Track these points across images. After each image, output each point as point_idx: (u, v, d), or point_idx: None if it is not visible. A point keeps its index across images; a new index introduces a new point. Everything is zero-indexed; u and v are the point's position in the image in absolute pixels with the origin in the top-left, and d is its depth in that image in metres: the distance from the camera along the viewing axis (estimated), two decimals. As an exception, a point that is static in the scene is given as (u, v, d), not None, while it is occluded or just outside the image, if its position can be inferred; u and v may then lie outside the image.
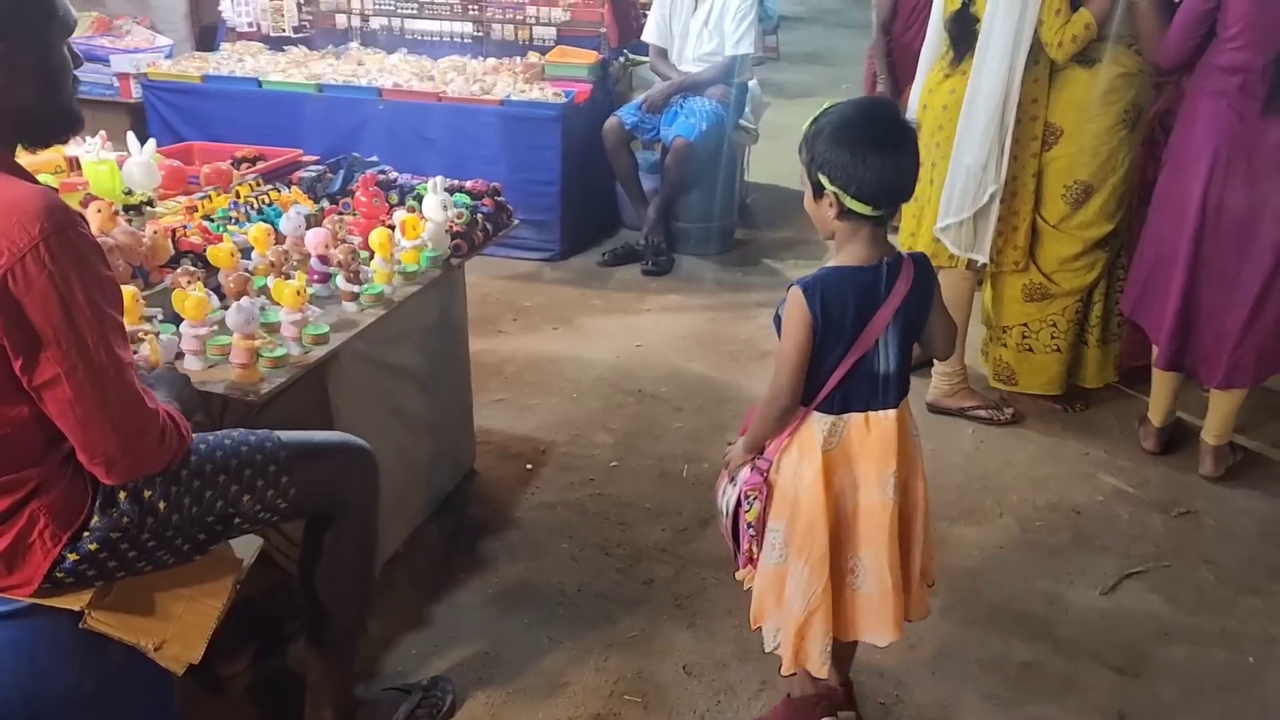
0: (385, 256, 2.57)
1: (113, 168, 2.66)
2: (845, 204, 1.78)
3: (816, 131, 1.81)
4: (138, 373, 1.56)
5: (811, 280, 1.83)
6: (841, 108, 1.82)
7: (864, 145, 1.75)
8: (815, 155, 1.80)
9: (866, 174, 1.75)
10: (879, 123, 1.79)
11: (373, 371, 2.56)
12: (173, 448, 1.61)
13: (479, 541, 2.84)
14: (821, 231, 1.90)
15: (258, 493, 1.77)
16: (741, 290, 4.78)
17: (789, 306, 1.85)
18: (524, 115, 4.77)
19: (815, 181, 1.81)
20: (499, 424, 3.46)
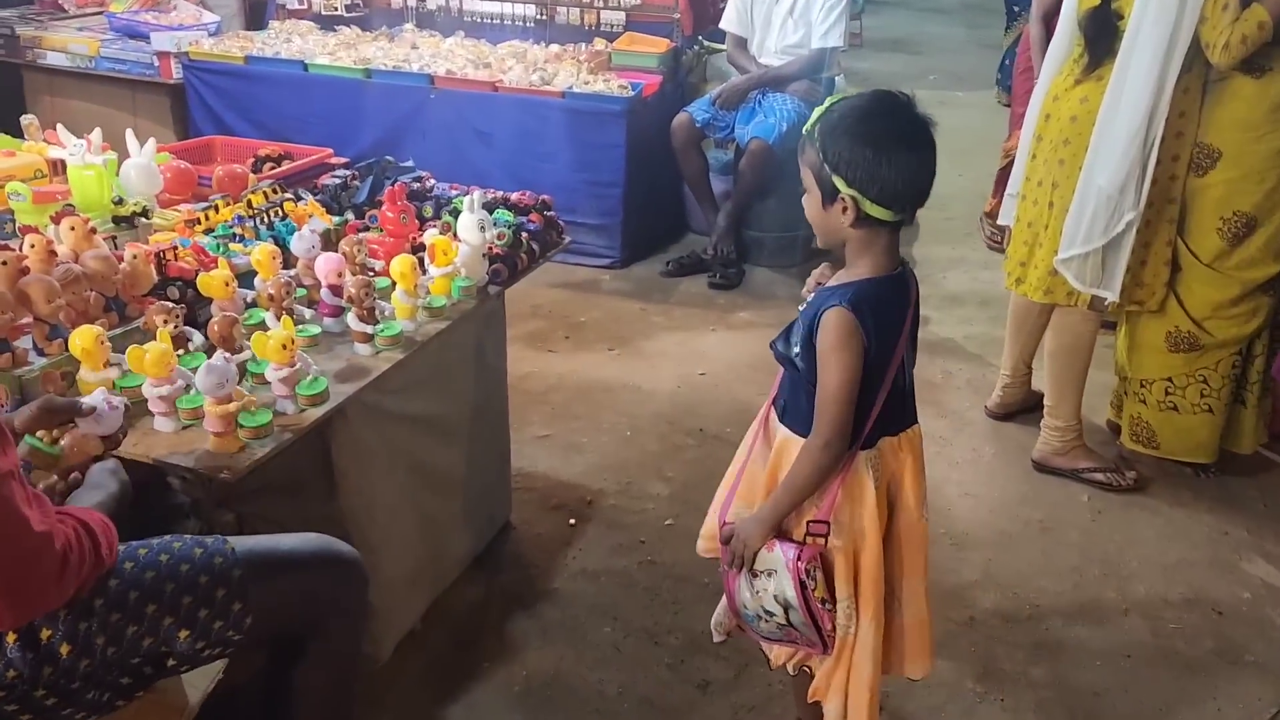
0: (408, 289, 2.17)
1: (101, 173, 2.29)
2: (864, 209, 1.59)
3: (829, 128, 1.60)
4: (20, 481, 1.17)
5: (856, 297, 1.63)
6: (854, 101, 1.63)
7: (889, 141, 1.57)
8: (829, 154, 1.59)
9: (891, 174, 1.57)
10: (902, 116, 1.61)
11: (388, 425, 2.17)
12: (79, 576, 1.23)
13: (508, 618, 2.45)
14: (826, 240, 1.71)
15: (200, 626, 1.39)
16: (819, 309, 4.30)
17: (836, 333, 1.62)
18: (586, 109, 4.35)
19: (827, 184, 1.61)
20: (541, 465, 3.06)
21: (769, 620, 1.76)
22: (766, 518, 1.72)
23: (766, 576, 1.73)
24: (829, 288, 1.70)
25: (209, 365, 1.67)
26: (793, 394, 1.76)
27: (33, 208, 2.14)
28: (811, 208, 1.67)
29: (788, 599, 1.70)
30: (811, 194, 1.66)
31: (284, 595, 1.48)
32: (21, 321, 1.84)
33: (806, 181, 1.66)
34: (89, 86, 5.09)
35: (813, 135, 1.62)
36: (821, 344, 1.63)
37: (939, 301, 4.39)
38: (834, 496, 1.70)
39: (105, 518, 1.33)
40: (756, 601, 1.76)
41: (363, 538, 2.13)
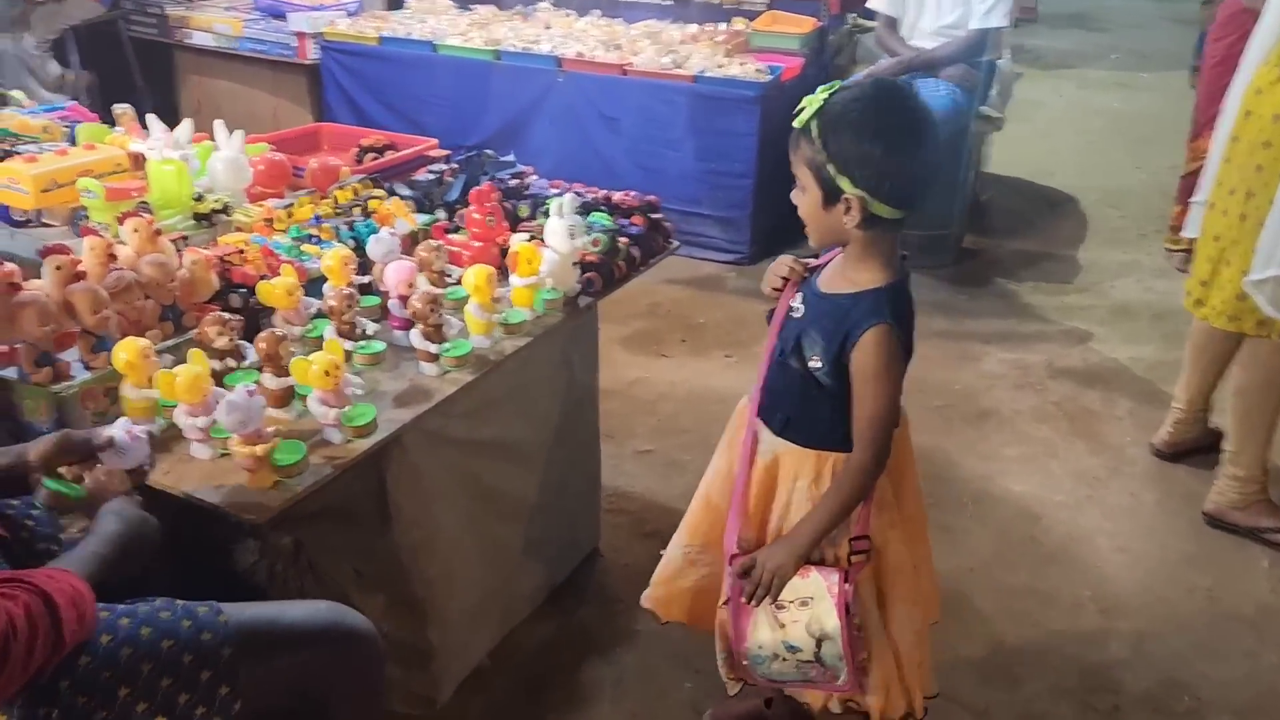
0: (483, 302, 1.98)
1: (180, 168, 2.19)
2: (871, 209, 1.48)
3: (831, 122, 1.48)
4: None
5: (892, 312, 1.54)
6: (854, 93, 1.50)
7: (898, 137, 1.47)
8: (832, 151, 1.47)
9: (901, 172, 1.47)
10: (908, 109, 1.50)
11: (453, 452, 1.99)
12: (30, 662, 1.08)
13: (582, 662, 2.24)
14: (822, 241, 1.61)
15: (179, 713, 1.23)
16: (964, 318, 3.92)
17: (884, 354, 1.53)
18: (718, 95, 4.07)
19: (829, 184, 1.49)
20: (639, 485, 2.84)
21: (788, 658, 1.67)
22: (801, 544, 1.63)
23: (798, 607, 1.64)
24: (847, 297, 1.57)
25: (229, 402, 1.52)
26: (804, 408, 1.65)
27: (105, 205, 2.06)
28: (807, 207, 1.56)
29: (825, 630, 1.63)
30: (808, 193, 1.54)
31: (282, 677, 1.32)
32: (72, 330, 1.74)
33: (802, 179, 1.55)
34: (233, 66, 5.15)
35: (809, 131, 1.50)
36: (865, 366, 1.54)
37: (1104, 314, 3.93)
38: (869, 510, 1.65)
39: (80, 583, 1.19)
40: (779, 637, 1.66)
41: (420, 574, 1.97)
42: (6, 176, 2.10)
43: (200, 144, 2.46)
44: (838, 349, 1.57)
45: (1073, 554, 2.61)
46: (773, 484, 1.69)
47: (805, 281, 1.69)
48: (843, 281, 1.61)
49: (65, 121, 2.67)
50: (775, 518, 1.71)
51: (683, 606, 1.90)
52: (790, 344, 1.63)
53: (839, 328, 1.57)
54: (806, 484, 1.67)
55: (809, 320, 1.62)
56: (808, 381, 1.62)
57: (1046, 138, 6.16)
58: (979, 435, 3.14)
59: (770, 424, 1.69)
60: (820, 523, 1.63)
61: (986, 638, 2.35)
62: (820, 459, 1.66)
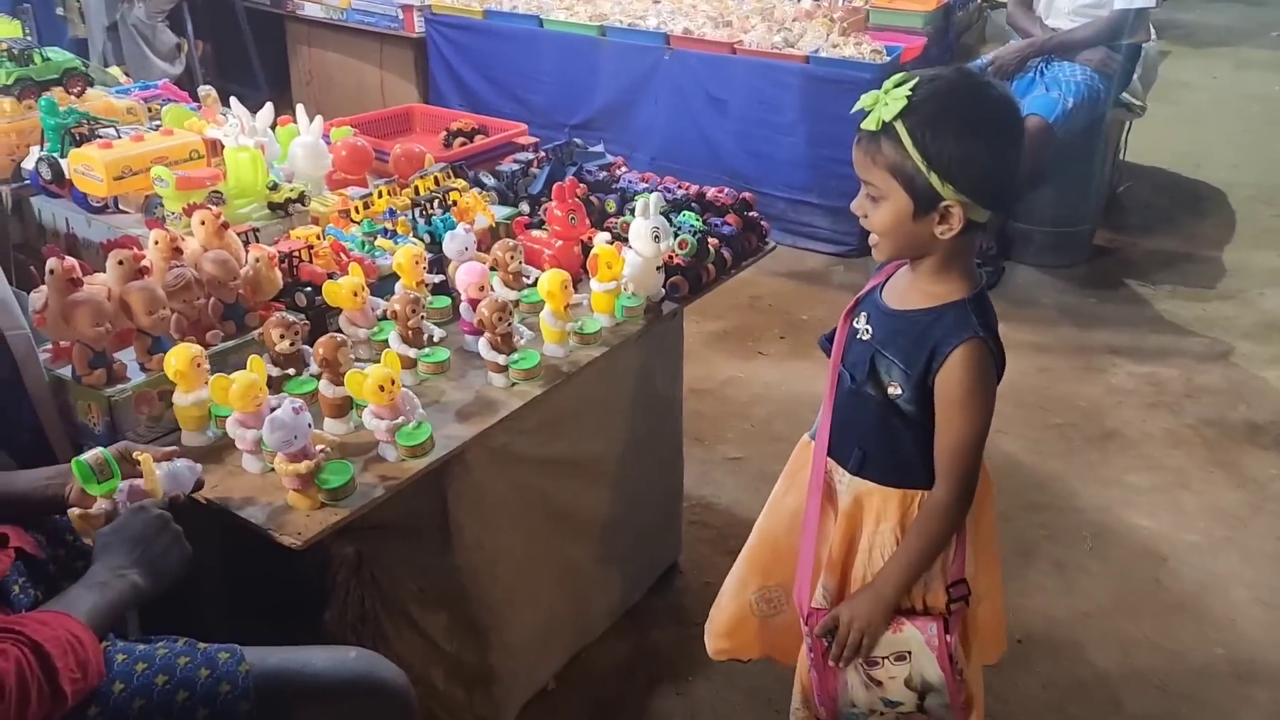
0: (557, 310, 1.85)
1: (255, 156, 2.11)
2: (971, 215, 1.34)
3: (926, 120, 1.30)
4: None
5: (985, 326, 1.40)
6: (943, 86, 1.32)
7: (1001, 133, 1.34)
8: (931, 153, 1.30)
9: (1004, 172, 1.35)
10: (1003, 101, 1.36)
11: (520, 470, 1.87)
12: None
13: (654, 690, 2.11)
14: (899, 254, 1.43)
15: None
16: (1092, 325, 3.61)
17: (978, 372, 1.38)
18: (831, 76, 3.84)
19: (924, 190, 1.32)
20: (725, 496, 2.68)
21: (887, 712, 1.54)
22: (888, 596, 1.47)
23: (894, 662, 1.49)
24: (925, 312, 1.41)
25: (273, 419, 1.42)
26: (883, 442, 1.48)
27: (176, 194, 1.99)
28: (888, 219, 1.37)
29: (928, 682, 1.49)
30: (891, 202, 1.36)
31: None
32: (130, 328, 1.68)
33: (882, 187, 1.36)
34: (341, 38, 5.13)
35: (892, 132, 1.31)
36: (956, 386, 1.38)
37: (1250, 326, 3.57)
38: (964, 551, 1.49)
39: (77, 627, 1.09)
40: (874, 695, 1.52)
41: (482, 598, 1.87)
42: (82, 163, 2.05)
43: (284, 127, 2.39)
44: (922, 371, 1.40)
45: (1204, 604, 2.35)
46: (854, 529, 1.52)
47: (865, 299, 1.52)
48: (918, 295, 1.44)
49: (157, 100, 2.63)
50: (859, 565, 1.54)
51: (763, 643, 1.75)
52: (862, 370, 1.46)
53: (920, 347, 1.40)
54: (891, 527, 1.50)
55: (881, 342, 1.45)
56: (886, 411, 1.44)
57: (1194, 124, 5.69)
58: (1102, 459, 2.87)
59: (845, 462, 1.51)
60: (907, 571, 1.47)
61: (1103, 696, 2.12)
62: (906, 498, 1.49)
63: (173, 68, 4.80)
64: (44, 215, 2.23)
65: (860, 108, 1.37)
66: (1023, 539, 2.56)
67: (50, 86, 2.42)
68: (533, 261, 2.07)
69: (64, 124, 2.19)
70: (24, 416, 1.63)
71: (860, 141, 1.38)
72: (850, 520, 1.52)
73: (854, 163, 1.40)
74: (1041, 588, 2.40)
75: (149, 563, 1.24)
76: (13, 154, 2.31)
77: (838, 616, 1.49)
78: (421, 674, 1.95)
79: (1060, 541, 2.55)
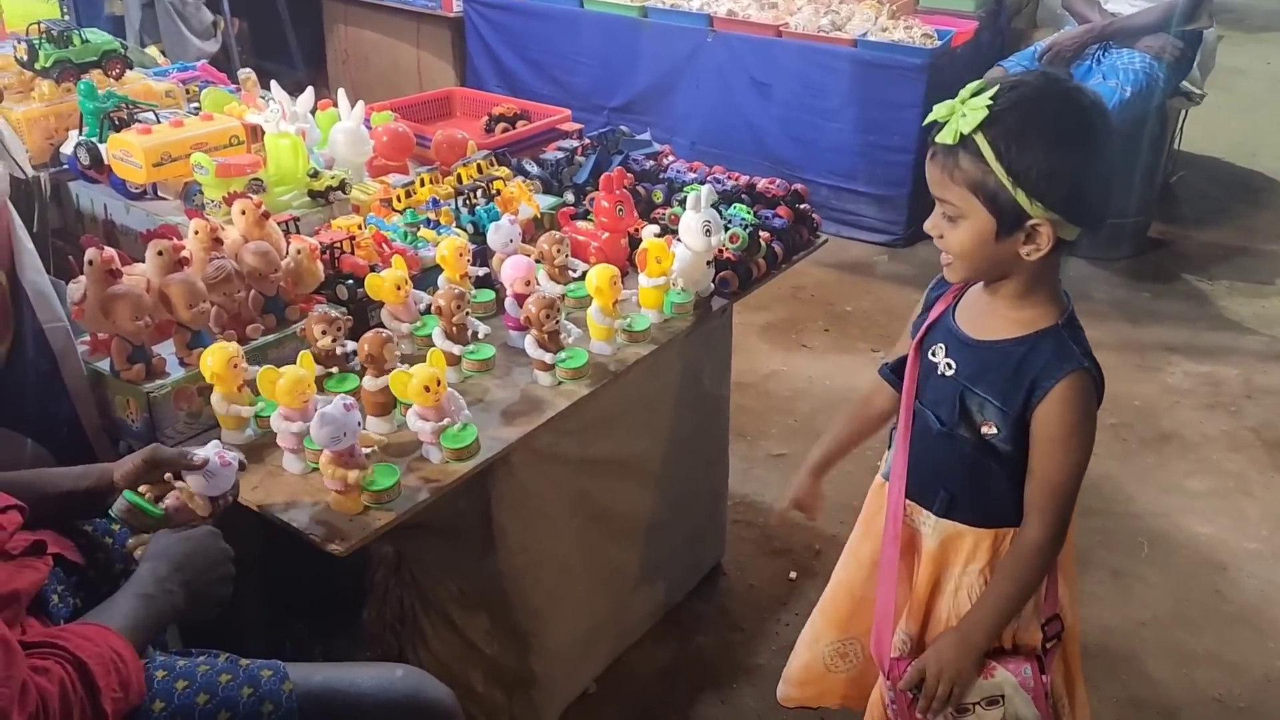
0: (605, 306, 1.79)
1: (296, 143, 2.06)
2: (1060, 234, 1.23)
3: (1013, 132, 1.19)
4: None
5: (1087, 355, 1.30)
6: (1026, 93, 1.21)
7: (1093, 145, 1.22)
8: (1018, 168, 1.19)
9: (1096, 186, 1.24)
10: (1093, 108, 1.24)
11: (565, 471, 1.82)
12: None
13: (697, 698, 2.06)
14: (979, 276, 1.33)
15: None
16: (1146, 321, 3.51)
17: (1085, 406, 1.28)
18: (880, 61, 3.74)
19: (1009, 208, 1.22)
20: (770, 493, 2.62)
21: None
22: (979, 643, 1.39)
23: (985, 707, 1.41)
24: (1016, 342, 1.31)
25: (323, 414, 1.37)
26: (974, 483, 1.38)
27: (215, 181, 1.94)
28: (968, 239, 1.26)
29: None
30: (971, 221, 1.25)
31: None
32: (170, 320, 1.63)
33: (962, 206, 1.25)
34: (378, 17, 5.08)
35: (972, 146, 1.21)
36: (1058, 422, 1.28)
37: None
38: (1056, 584, 1.42)
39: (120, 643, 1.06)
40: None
41: (524, 603, 1.82)
42: (121, 148, 2.01)
43: (324, 111, 2.33)
44: (1020, 407, 1.30)
45: (1267, 616, 2.26)
46: (939, 572, 1.44)
47: (938, 327, 1.41)
48: (1003, 323, 1.33)
49: (196, 82, 2.58)
50: (944, 608, 1.45)
51: (837, 695, 1.67)
52: (950, 410, 1.35)
53: (1016, 382, 1.30)
54: (980, 568, 1.41)
55: (970, 378, 1.34)
56: (980, 452, 1.35)
57: (1249, 112, 5.52)
58: (1158, 462, 2.78)
59: (929, 505, 1.42)
60: (998, 616, 1.39)
61: (1159, 710, 2.05)
62: (997, 538, 1.40)
63: (208, 45, 4.77)
64: (82, 201, 2.19)
65: (934, 119, 1.26)
66: (1077, 545, 2.44)
67: (89, 69, 2.38)
68: (578, 254, 2.01)
69: (103, 108, 2.15)
70: (62, 410, 1.60)
71: (935, 156, 1.26)
72: (936, 564, 1.44)
73: (929, 180, 1.28)
74: (1096, 596, 2.32)
75: (197, 589, 1.21)
76: (51, 138, 2.28)
77: (924, 668, 1.40)
78: (460, 676, 1.91)
79: (1115, 548, 2.47)
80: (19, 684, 0.90)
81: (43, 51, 2.35)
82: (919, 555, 1.45)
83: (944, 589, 1.44)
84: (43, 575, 1.15)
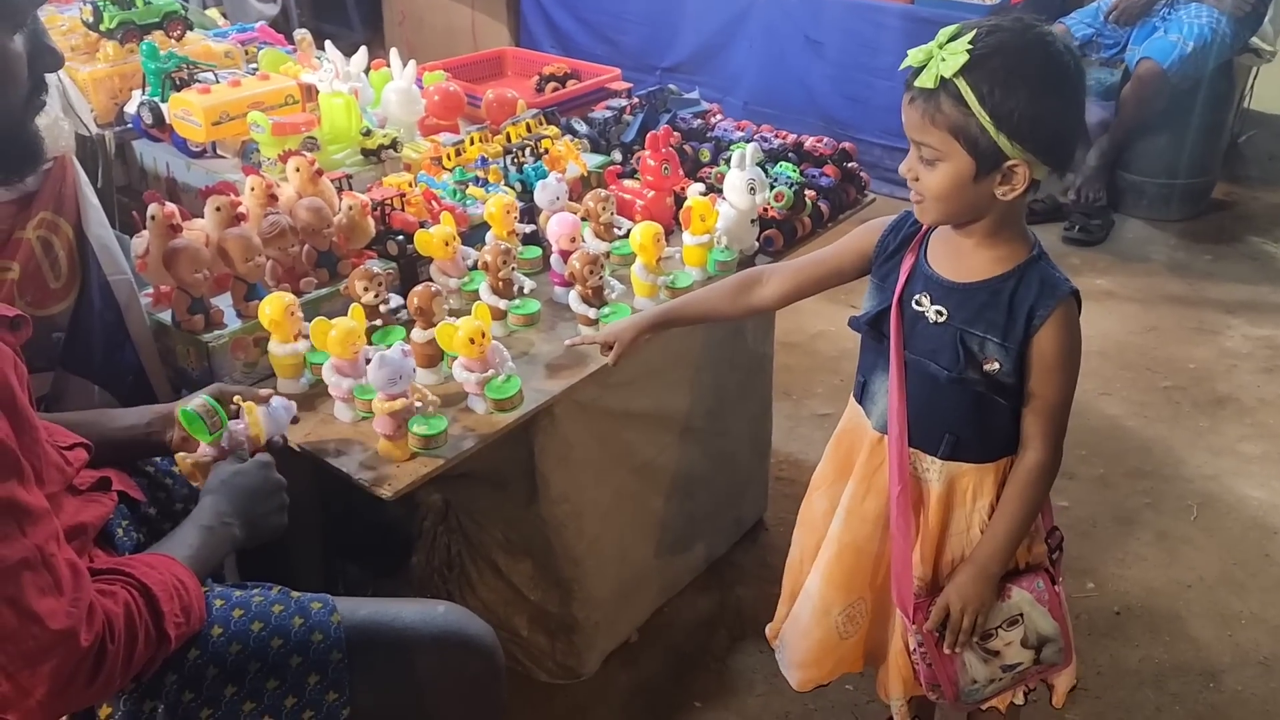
0: (648, 263, 1.83)
1: (350, 102, 2.10)
2: (1034, 174, 1.27)
3: (996, 75, 1.21)
4: (39, 568, 0.95)
5: (1068, 279, 1.37)
6: (1006, 39, 1.23)
7: (1070, 87, 1.27)
8: (999, 110, 1.22)
9: (1072, 129, 1.31)
10: (1067, 51, 1.28)
11: (608, 424, 1.86)
12: (130, 665, 1.02)
13: (736, 647, 2.10)
14: (952, 218, 1.35)
15: (285, 716, 1.16)
16: (1205, 281, 3.44)
17: (1074, 329, 1.36)
18: (936, 17, 3.66)
19: (988, 149, 1.25)
20: (814, 453, 2.60)
21: (1003, 677, 1.49)
22: (995, 569, 1.43)
23: (1007, 628, 1.46)
24: (1001, 279, 1.35)
25: (382, 357, 1.43)
26: (979, 421, 1.41)
27: (271, 139, 2.00)
28: (945, 181, 1.28)
29: (1044, 634, 1.46)
30: (949, 163, 1.27)
31: (392, 685, 1.22)
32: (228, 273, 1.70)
33: (940, 148, 1.27)
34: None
35: (951, 88, 1.22)
36: (1053, 349, 1.34)
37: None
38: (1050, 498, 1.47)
39: (183, 572, 1.12)
40: (993, 665, 1.47)
41: (566, 550, 1.87)
42: (181, 108, 2.07)
43: (378, 71, 2.38)
44: (1020, 338, 1.33)
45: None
46: (947, 512, 1.46)
47: (914, 277, 1.41)
48: (983, 263, 1.37)
49: (254, 43, 2.64)
50: (956, 545, 1.48)
51: (852, 660, 1.67)
52: (954, 355, 1.36)
53: (1013, 314, 1.34)
54: (988, 501, 1.45)
55: (964, 320, 1.36)
56: (989, 389, 1.37)
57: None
58: (1211, 425, 2.74)
59: (932, 451, 1.44)
60: (1009, 540, 1.43)
61: (1201, 670, 2.04)
62: (998, 469, 1.43)
63: (268, 8, 4.83)
64: (145, 159, 2.27)
65: (910, 64, 1.27)
66: (1124, 506, 2.46)
67: (151, 30, 2.45)
68: (624, 212, 2.03)
69: (164, 68, 2.21)
70: (127, 359, 1.67)
71: (914, 100, 1.27)
72: (943, 505, 1.46)
73: (905, 123, 1.29)
74: (1142, 558, 2.31)
75: (253, 521, 1.27)
76: (115, 98, 2.35)
77: (947, 605, 1.43)
78: (505, 621, 1.98)
79: (1163, 510, 2.45)
80: (86, 605, 0.97)
81: (107, 13, 2.42)
82: (925, 500, 1.47)
83: (953, 528, 1.46)
84: (108, 510, 1.22)
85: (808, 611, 1.61)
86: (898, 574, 1.45)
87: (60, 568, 0.96)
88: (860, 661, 1.67)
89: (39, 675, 0.93)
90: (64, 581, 0.96)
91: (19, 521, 0.94)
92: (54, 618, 0.94)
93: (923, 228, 1.42)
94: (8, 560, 0.92)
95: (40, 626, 0.93)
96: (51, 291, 1.62)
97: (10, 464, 0.95)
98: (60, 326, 1.64)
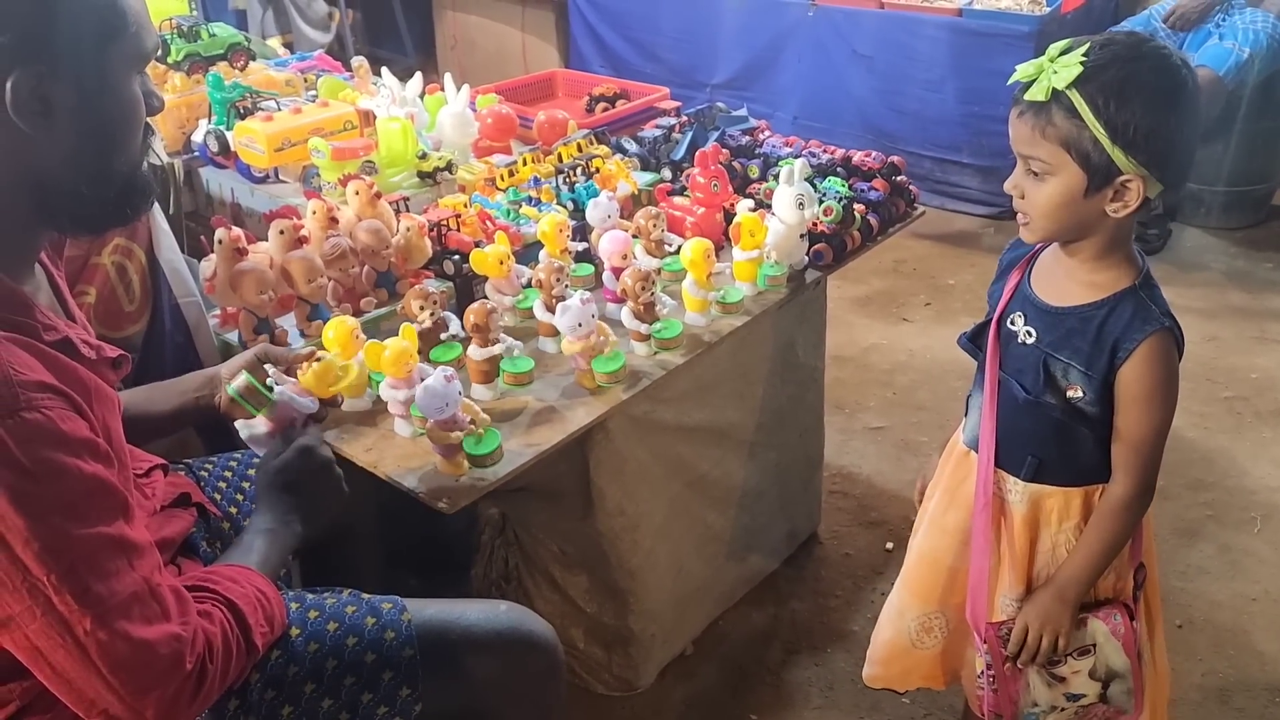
0: (699, 279, 1.84)
1: (406, 126, 2.16)
2: (1148, 192, 1.24)
3: (1111, 88, 1.19)
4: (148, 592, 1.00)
5: (1167, 314, 1.31)
6: (1121, 51, 1.21)
7: (1187, 102, 1.23)
8: (1116, 124, 1.20)
9: (1188, 143, 1.25)
10: (1184, 66, 1.25)
11: (662, 438, 1.88)
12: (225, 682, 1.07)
13: (791, 660, 2.11)
14: (1059, 236, 1.33)
15: (362, 712, 1.21)
16: (1266, 292, 3.38)
17: (1169, 363, 1.30)
18: (986, 30, 3.67)
19: (1102, 164, 1.22)
20: (867, 466, 2.63)
21: (1068, 707, 1.48)
22: (1073, 596, 1.41)
23: (1077, 657, 1.44)
24: (1095, 305, 1.32)
25: (426, 387, 1.46)
26: (1062, 446, 1.40)
27: (331, 164, 2.06)
28: (1054, 196, 1.26)
29: (1113, 670, 1.44)
30: (1059, 178, 1.25)
31: (459, 681, 1.27)
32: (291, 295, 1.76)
33: (1051, 161, 1.25)
34: (484, 3, 5.21)
35: (1064, 101, 1.21)
36: (1143, 381, 1.30)
37: None
38: (1140, 532, 1.44)
39: (264, 583, 1.17)
40: (1057, 692, 1.46)
41: (622, 563, 1.89)
42: (246, 135, 2.14)
43: (432, 96, 2.44)
44: (1104, 370, 1.31)
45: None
46: (1033, 534, 1.46)
47: (1016, 297, 1.41)
48: (1080, 288, 1.35)
49: (313, 71, 2.72)
50: (1041, 566, 1.47)
51: (922, 674, 1.68)
52: (1036, 378, 1.36)
53: (1099, 345, 1.31)
54: (1075, 525, 1.44)
55: (1051, 345, 1.35)
56: (1068, 416, 1.36)
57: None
58: (1275, 436, 2.69)
59: (1015, 471, 1.44)
60: (1091, 570, 1.41)
61: (1267, 685, 2.00)
62: (1087, 494, 1.42)
63: (321, 36, 4.97)
64: (211, 185, 2.35)
65: (1019, 78, 1.27)
66: (1185, 518, 2.43)
67: (216, 61, 2.54)
68: (675, 229, 2.06)
69: (229, 98, 2.29)
70: (196, 380, 1.74)
71: (1023, 114, 1.26)
72: (1029, 527, 1.45)
73: (1013, 138, 1.29)
74: (1204, 571, 2.28)
75: (311, 507, 1.31)
76: (183, 127, 2.44)
77: (1026, 625, 1.43)
78: (562, 633, 2.00)
79: (1226, 523, 2.41)
80: (192, 631, 1.02)
81: (174, 46, 2.51)
82: (1008, 520, 1.46)
83: (1040, 549, 1.46)
84: (188, 524, 1.27)
85: (885, 610, 1.65)
86: (973, 590, 1.45)
87: (166, 596, 1.01)
88: (942, 678, 1.67)
89: (148, 700, 0.98)
90: (170, 609, 1.01)
91: (128, 556, 0.99)
92: (163, 644, 0.99)
93: (1033, 247, 1.42)
94: (120, 595, 0.97)
95: (151, 654, 0.98)
96: (126, 314, 1.69)
97: (119, 504, 1.00)
98: (134, 348, 1.71)
